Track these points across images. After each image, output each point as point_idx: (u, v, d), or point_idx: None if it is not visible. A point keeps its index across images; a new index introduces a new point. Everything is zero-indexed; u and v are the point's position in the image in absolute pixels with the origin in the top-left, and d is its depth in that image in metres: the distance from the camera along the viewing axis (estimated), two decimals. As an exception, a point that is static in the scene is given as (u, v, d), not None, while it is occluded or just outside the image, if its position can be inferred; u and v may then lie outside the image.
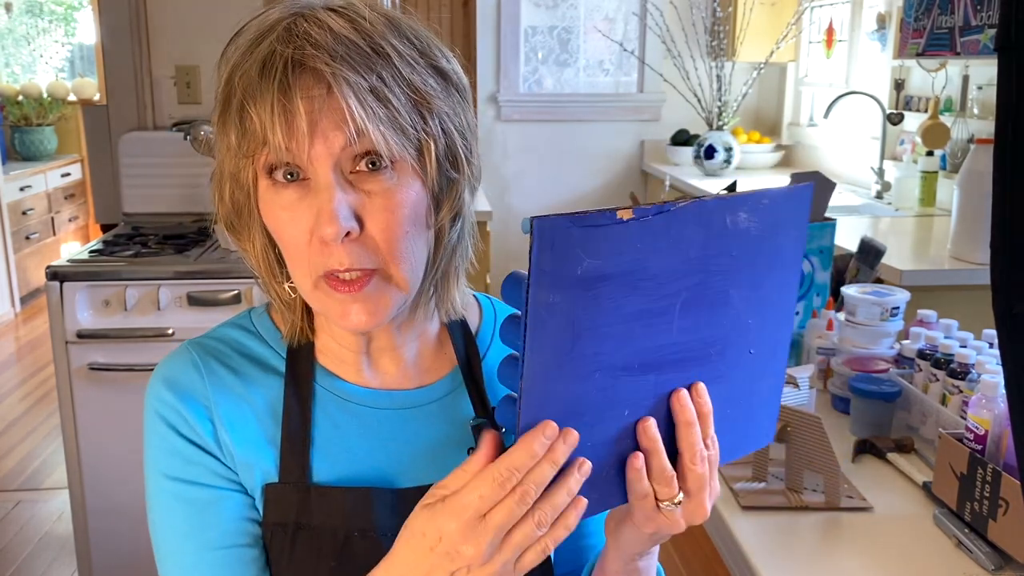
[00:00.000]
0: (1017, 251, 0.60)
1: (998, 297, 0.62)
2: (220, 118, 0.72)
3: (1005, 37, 0.59)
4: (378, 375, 0.84)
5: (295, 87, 0.67)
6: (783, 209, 0.64)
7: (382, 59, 0.70)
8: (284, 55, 0.68)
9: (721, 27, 4.14)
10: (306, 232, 0.71)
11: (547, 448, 0.59)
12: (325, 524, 0.77)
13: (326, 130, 0.68)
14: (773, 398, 0.71)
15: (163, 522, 0.79)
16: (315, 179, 0.70)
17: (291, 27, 0.70)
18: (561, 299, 0.56)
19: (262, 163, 0.71)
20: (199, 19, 2.81)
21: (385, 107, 0.69)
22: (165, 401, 0.79)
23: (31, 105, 5.86)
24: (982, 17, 2.46)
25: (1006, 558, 1.05)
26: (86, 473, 2.30)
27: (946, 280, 2.25)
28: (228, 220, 0.78)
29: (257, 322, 0.85)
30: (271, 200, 0.72)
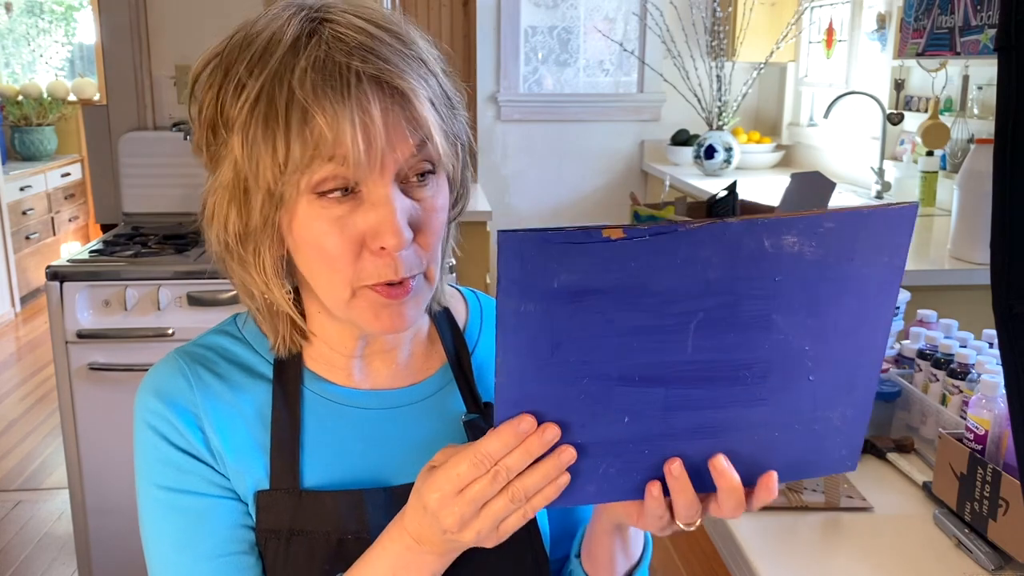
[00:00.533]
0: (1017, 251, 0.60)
1: (998, 297, 0.62)
2: (265, 129, 0.67)
3: (1005, 37, 0.59)
4: (369, 377, 0.83)
5: (372, 100, 0.66)
6: (862, 233, 0.59)
7: (424, 66, 0.71)
8: (353, 67, 0.66)
9: (721, 27, 4.14)
10: (355, 243, 0.69)
11: (521, 440, 0.61)
12: (318, 529, 0.77)
13: (397, 142, 0.68)
14: (852, 428, 0.67)
15: (157, 533, 0.79)
16: (373, 190, 0.68)
17: (338, 36, 0.68)
18: (535, 308, 0.57)
19: (317, 179, 0.68)
20: (199, 19, 2.81)
21: (439, 115, 0.71)
22: (154, 411, 0.79)
23: (31, 105, 5.86)
24: (982, 17, 2.46)
25: (1006, 558, 1.05)
26: (86, 473, 2.30)
27: (946, 280, 2.25)
28: (242, 234, 0.73)
29: (243, 327, 0.85)
30: (316, 213, 0.69)
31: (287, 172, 0.68)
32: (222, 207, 0.73)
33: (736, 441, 0.65)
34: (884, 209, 0.59)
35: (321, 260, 0.71)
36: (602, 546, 0.81)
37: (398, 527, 0.71)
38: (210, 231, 0.75)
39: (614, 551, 0.81)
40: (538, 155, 4.56)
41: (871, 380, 0.65)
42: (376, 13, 0.72)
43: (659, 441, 0.63)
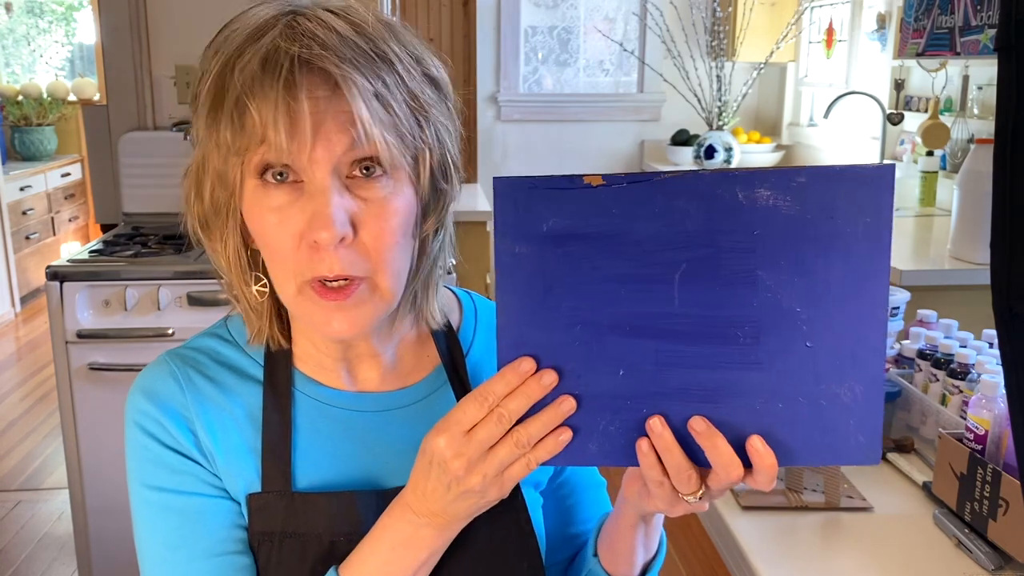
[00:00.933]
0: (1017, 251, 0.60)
1: (998, 297, 0.62)
2: (210, 113, 0.70)
3: (1005, 37, 0.59)
4: (358, 380, 0.83)
5: (301, 86, 0.66)
6: (838, 192, 0.60)
7: (385, 64, 0.69)
8: (290, 52, 0.66)
9: (721, 27, 4.14)
10: (295, 236, 0.69)
11: (522, 380, 0.64)
12: (310, 531, 0.77)
13: (330, 132, 0.67)
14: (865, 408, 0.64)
15: (151, 534, 0.78)
16: (311, 181, 0.68)
17: (293, 24, 0.68)
18: (528, 251, 0.62)
19: (254, 163, 0.69)
20: (199, 19, 2.81)
21: (388, 112, 0.69)
22: (145, 412, 0.79)
23: (31, 105, 5.86)
24: (982, 17, 2.46)
25: (1006, 558, 1.05)
26: (86, 473, 2.30)
27: (946, 280, 2.25)
28: (203, 219, 0.76)
29: (233, 330, 0.84)
30: (259, 201, 0.70)
31: (228, 156, 0.70)
32: (188, 192, 0.76)
33: (736, 409, 0.64)
34: (859, 168, 0.60)
35: (268, 251, 0.72)
36: (625, 540, 0.81)
37: (399, 505, 0.72)
38: (185, 218, 0.78)
39: (636, 544, 0.81)
40: (538, 155, 4.56)
41: (877, 354, 0.64)
42: (355, 12, 0.71)
43: (655, 399, 0.64)
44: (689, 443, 0.64)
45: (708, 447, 0.63)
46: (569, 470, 0.92)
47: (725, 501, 1.20)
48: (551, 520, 0.91)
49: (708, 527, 1.25)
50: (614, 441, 0.66)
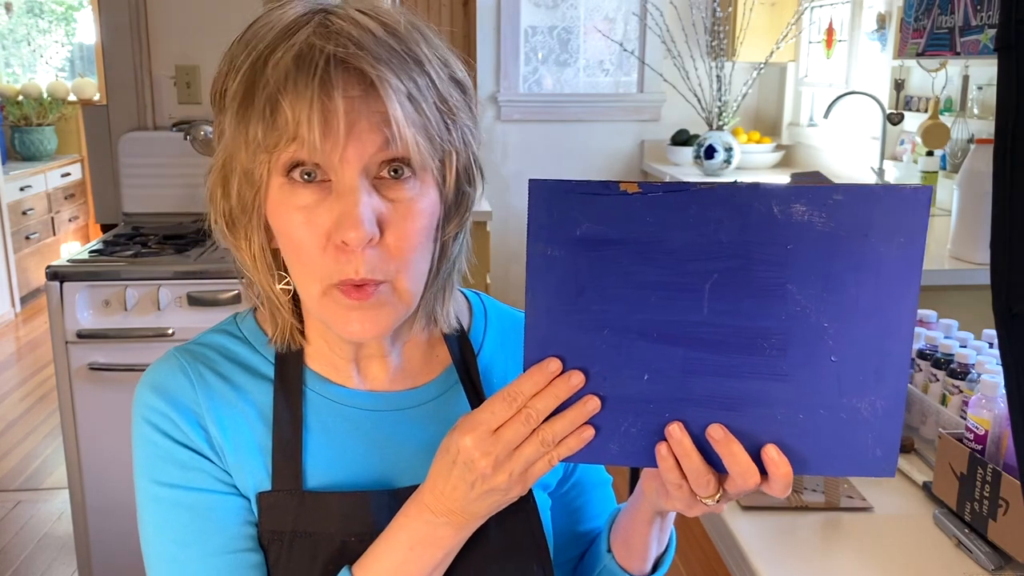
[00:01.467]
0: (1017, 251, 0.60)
1: (998, 297, 0.62)
2: (240, 109, 0.69)
3: (1005, 37, 0.59)
4: (368, 380, 0.83)
5: (336, 84, 0.65)
6: (875, 211, 0.61)
7: (417, 66, 0.69)
8: (325, 51, 0.66)
9: (721, 27, 4.14)
10: (322, 236, 0.69)
11: (549, 380, 0.64)
12: (322, 531, 0.77)
13: (363, 132, 0.67)
14: (884, 424, 0.66)
15: (160, 531, 0.77)
16: (340, 181, 0.68)
17: (327, 22, 0.68)
18: (561, 254, 0.63)
19: (283, 160, 0.69)
20: (199, 19, 2.81)
21: (419, 114, 0.69)
22: (155, 408, 0.78)
23: (31, 105, 5.86)
24: (982, 17, 2.46)
25: (1006, 558, 1.05)
26: (86, 473, 2.30)
27: (946, 280, 2.25)
28: (228, 216, 0.75)
29: (243, 327, 0.84)
30: (285, 200, 0.70)
31: (256, 153, 0.69)
32: (214, 188, 0.74)
33: (756, 418, 0.65)
34: (897, 189, 0.61)
35: (293, 251, 0.72)
36: (640, 535, 0.82)
37: (416, 503, 0.72)
38: (209, 214, 0.76)
39: (651, 539, 0.82)
40: (538, 155, 4.56)
41: (901, 371, 0.65)
42: (386, 13, 0.71)
43: (678, 405, 0.65)
44: (708, 448, 0.66)
45: (725, 454, 0.65)
46: (578, 471, 0.92)
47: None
48: (560, 520, 0.91)
49: (708, 527, 1.25)
50: (635, 443, 0.67)
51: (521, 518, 0.81)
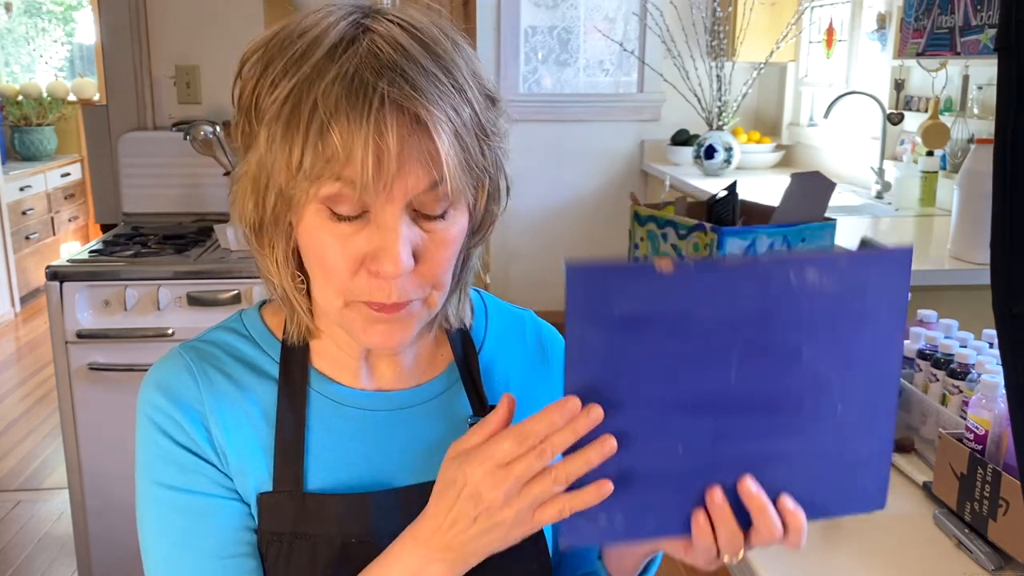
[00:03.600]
0: (1017, 251, 0.60)
1: (998, 297, 0.62)
2: (284, 129, 0.67)
3: (1005, 37, 0.59)
4: (374, 379, 0.83)
5: (389, 126, 0.65)
6: (871, 272, 0.66)
7: (461, 96, 0.69)
8: (379, 88, 0.65)
9: (721, 27, 4.14)
10: (354, 261, 0.69)
11: (566, 420, 0.63)
12: (322, 532, 0.77)
13: (412, 171, 0.67)
14: (877, 461, 0.71)
15: (158, 531, 0.78)
16: (381, 215, 0.68)
17: (375, 51, 0.67)
18: (598, 334, 0.63)
19: (324, 193, 0.67)
20: (199, 19, 2.81)
21: (463, 149, 0.69)
22: (159, 407, 0.78)
23: (31, 105, 5.86)
24: (982, 17, 2.46)
25: (1006, 558, 1.05)
26: (86, 473, 2.30)
27: (946, 280, 2.25)
28: (256, 225, 0.74)
29: (249, 324, 0.84)
30: (321, 224, 0.69)
31: (298, 178, 0.67)
32: (243, 197, 0.73)
33: (775, 472, 0.68)
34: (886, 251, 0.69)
35: (320, 268, 0.72)
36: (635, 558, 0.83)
37: (412, 535, 0.71)
38: (234, 216, 0.77)
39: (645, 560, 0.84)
40: (538, 155, 4.56)
41: (891, 413, 0.70)
42: (424, 26, 0.70)
43: (710, 471, 0.67)
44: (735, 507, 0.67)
45: (756, 509, 0.66)
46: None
47: (725, 501, 1.21)
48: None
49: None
50: (671, 514, 0.68)
51: None
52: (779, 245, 1.60)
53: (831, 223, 1.67)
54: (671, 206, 1.75)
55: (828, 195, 1.70)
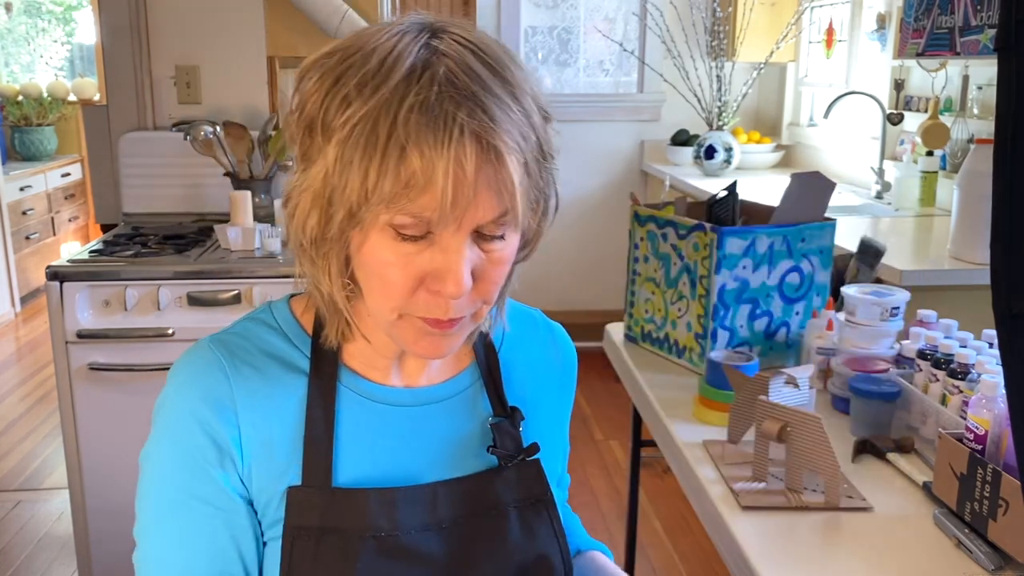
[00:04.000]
0: (1017, 251, 0.60)
1: (998, 297, 0.62)
2: (363, 154, 0.67)
3: (1005, 37, 0.59)
4: (403, 376, 0.86)
5: (469, 157, 0.66)
6: None
7: (528, 122, 0.71)
8: (458, 119, 0.66)
9: (721, 27, 4.14)
10: (414, 279, 0.71)
11: None
12: (350, 527, 0.78)
13: (483, 201, 0.68)
14: None
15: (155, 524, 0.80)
16: (445, 238, 0.70)
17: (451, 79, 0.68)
18: None
19: (395, 219, 0.69)
20: (199, 19, 2.81)
21: (529, 177, 0.72)
22: (189, 404, 0.78)
23: (31, 105, 5.86)
24: (982, 17, 2.46)
25: (1006, 558, 1.05)
26: (86, 473, 2.30)
27: (946, 280, 2.25)
28: (316, 238, 0.74)
29: (279, 317, 0.85)
30: (384, 244, 0.70)
31: (371, 200, 0.68)
32: (305, 209, 0.73)
33: None
34: None
35: (379, 285, 0.73)
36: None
37: None
38: (289, 226, 0.76)
39: None
40: (538, 155, 4.56)
41: None
42: (488, 49, 0.71)
43: None
44: None
45: None
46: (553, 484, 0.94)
47: (725, 501, 1.21)
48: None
49: (708, 527, 1.25)
50: None
51: (543, 513, 0.85)
52: (779, 245, 1.61)
53: (831, 223, 1.67)
54: (671, 206, 1.75)
55: (828, 195, 1.70)
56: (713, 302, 1.58)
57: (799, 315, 1.67)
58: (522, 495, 0.85)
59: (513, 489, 0.85)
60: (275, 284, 2.29)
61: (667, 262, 1.69)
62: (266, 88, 2.88)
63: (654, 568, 2.71)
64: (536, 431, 0.91)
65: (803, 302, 1.67)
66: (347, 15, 2.72)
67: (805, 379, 1.30)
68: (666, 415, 1.50)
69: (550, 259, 4.46)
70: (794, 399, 1.28)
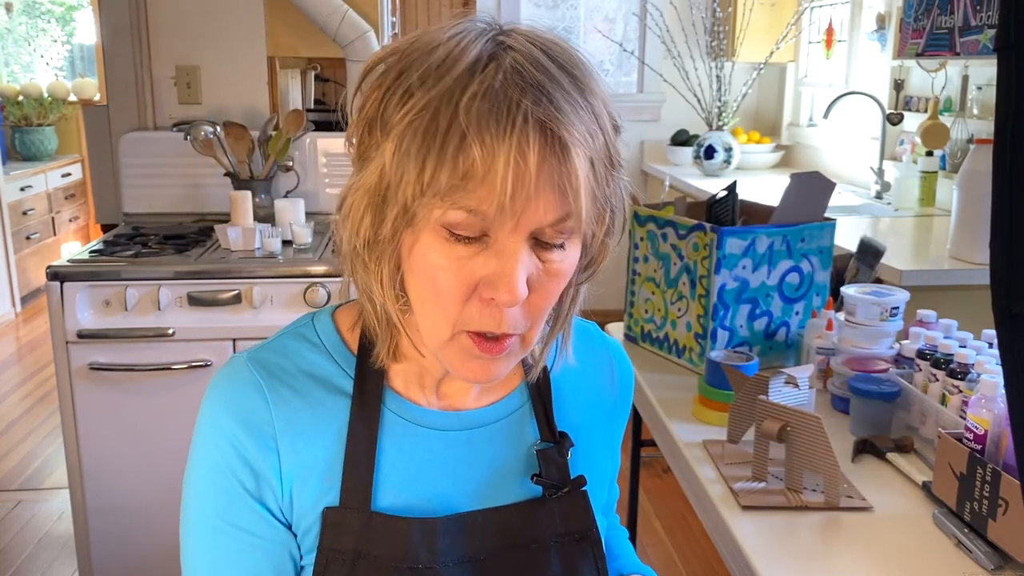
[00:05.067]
0: (1017, 251, 0.60)
1: (998, 297, 0.62)
2: (421, 146, 0.63)
3: (1005, 37, 0.59)
4: (448, 397, 0.82)
5: (532, 146, 0.62)
6: None
7: (597, 124, 0.66)
8: (523, 106, 0.62)
9: (721, 27, 4.14)
10: (468, 286, 0.67)
11: None
12: (388, 555, 0.75)
13: (544, 199, 0.64)
14: None
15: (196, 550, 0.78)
16: (501, 240, 0.65)
17: (518, 68, 0.64)
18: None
19: (451, 219, 0.64)
20: (199, 19, 2.81)
21: (595, 179, 0.66)
22: (225, 431, 0.75)
23: (31, 105, 5.86)
24: (982, 17, 2.46)
25: (1006, 558, 1.05)
26: (86, 473, 2.30)
27: (946, 280, 2.25)
28: (369, 240, 0.70)
29: (322, 333, 0.81)
30: (438, 247, 0.66)
31: (427, 194, 0.64)
32: (359, 209, 0.69)
33: None
34: None
35: (431, 292, 0.69)
36: None
37: None
38: (343, 229, 0.72)
39: None
40: (538, 155, 4.56)
41: None
42: (557, 48, 0.67)
43: None
44: None
45: None
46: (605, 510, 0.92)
47: (725, 501, 1.21)
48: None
49: (708, 527, 1.25)
50: None
51: (586, 550, 0.81)
52: (779, 245, 1.61)
53: (831, 223, 1.67)
54: (671, 206, 1.75)
55: (828, 195, 1.70)
56: (713, 302, 1.58)
57: (799, 315, 1.67)
58: (565, 529, 0.81)
59: (556, 522, 0.81)
60: (275, 284, 2.29)
61: (667, 262, 1.69)
62: (266, 88, 2.88)
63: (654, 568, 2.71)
64: (586, 458, 0.87)
65: (803, 302, 1.67)
66: (347, 15, 2.72)
67: (805, 379, 1.31)
68: (666, 415, 1.50)
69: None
70: (794, 399, 1.28)
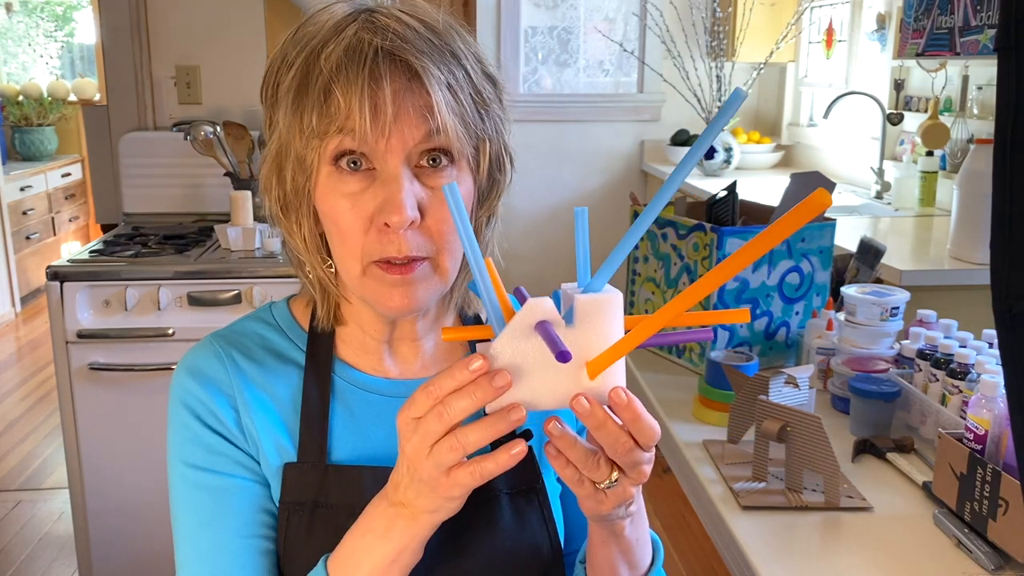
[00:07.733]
0: (1017, 251, 0.60)
1: (998, 297, 0.62)
2: (296, 99, 0.74)
3: (1005, 37, 0.59)
4: (397, 365, 0.87)
5: (384, 75, 0.71)
6: None
7: (455, 60, 0.75)
8: (373, 43, 0.71)
9: (721, 27, 4.14)
10: (365, 220, 0.74)
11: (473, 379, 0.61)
12: (343, 502, 0.80)
13: (407, 122, 0.72)
14: None
15: (183, 509, 0.82)
16: (383, 169, 0.73)
17: (373, 19, 0.74)
18: None
19: (331, 149, 0.73)
20: (199, 19, 2.81)
21: (457, 103, 0.74)
22: (189, 390, 0.82)
23: (31, 105, 5.86)
24: (982, 17, 2.46)
25: (1006, 558, 1.05)
26: (86, 473, 2.30)
27: (946, 280, 2.25)
28: (282, 202, 0.80)
29: (277, 315, 0.89)
30: (333, 187, 0.75)
31: (308, 137, 0.74)
32: (269, 178, 0.79)
33: None
34: None
35: (337, 233, 0.76)
36: (600, 555, 0.80)
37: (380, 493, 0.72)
38: (264, 202, 0.82)
39: (614, 560, 0.80)
40: (538, 155, 4.56)
41: None
42: (426, 12, 0.77)
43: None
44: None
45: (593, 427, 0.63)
46: None
47: (725, 501, 1.21)
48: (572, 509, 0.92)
49: (708, 527, 1.25)
50: None
51: (533, 501, 0.85)
52: (779, 245, 1.61)
53: (831, 223, 1.67)
54: (671, 206, 1.75)
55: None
56: (713, 302, 1.58)
57: (799, 315, 1.67)
58: (514, 482, 0.85)
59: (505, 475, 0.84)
60: (275, 284, 2.29)
61: (667, 262, 1.69)
62: (266, 88, 2.88)
63: (654, 568, 2.71)
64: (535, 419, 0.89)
65: (803, 302, 1.67)
66: (347, 15, 2.72)
67: (805, 379, 1.31)
68: (666, 415, 1.50)
69: (550, 259, 4.46)
70: (794, 399, 1.28)
